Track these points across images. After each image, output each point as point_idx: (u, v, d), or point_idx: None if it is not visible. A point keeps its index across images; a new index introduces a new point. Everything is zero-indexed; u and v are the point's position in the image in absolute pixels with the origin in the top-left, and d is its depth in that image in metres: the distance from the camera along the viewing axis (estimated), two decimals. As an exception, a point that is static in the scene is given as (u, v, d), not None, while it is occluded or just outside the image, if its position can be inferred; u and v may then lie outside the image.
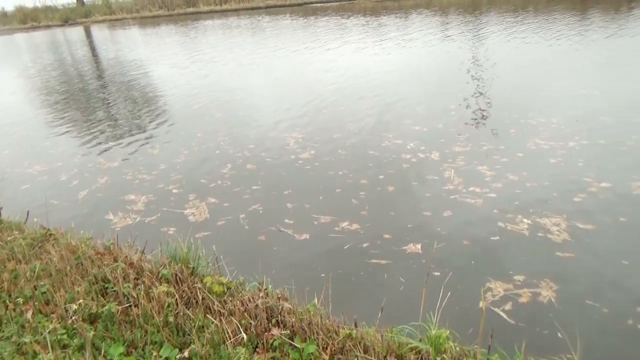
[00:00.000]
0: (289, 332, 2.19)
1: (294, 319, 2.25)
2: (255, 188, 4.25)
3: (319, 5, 24.48)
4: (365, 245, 3.28)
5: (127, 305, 2.38)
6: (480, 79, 7.04)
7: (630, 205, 3.36)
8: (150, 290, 2.43)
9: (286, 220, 3.67)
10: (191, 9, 31.12)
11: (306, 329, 2.21)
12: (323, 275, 2.99)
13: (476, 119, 5.36)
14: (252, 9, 27.40)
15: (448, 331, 2.48)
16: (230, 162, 4.90)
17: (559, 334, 2.40)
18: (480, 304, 2.68)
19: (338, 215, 3.66)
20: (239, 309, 2.33)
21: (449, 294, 2.71)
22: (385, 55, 9.64)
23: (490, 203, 3.58)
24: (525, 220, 3.31)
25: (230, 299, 2.47)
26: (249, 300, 2.40)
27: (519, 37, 10.21)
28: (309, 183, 4.26)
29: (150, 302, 2.35)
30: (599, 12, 12.44)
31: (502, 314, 2.58)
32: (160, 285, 2.50)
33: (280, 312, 2.31)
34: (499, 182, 3.85)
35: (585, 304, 2.57)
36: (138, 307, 2.32)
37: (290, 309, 2.33)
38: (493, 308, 2.62)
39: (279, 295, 2.52)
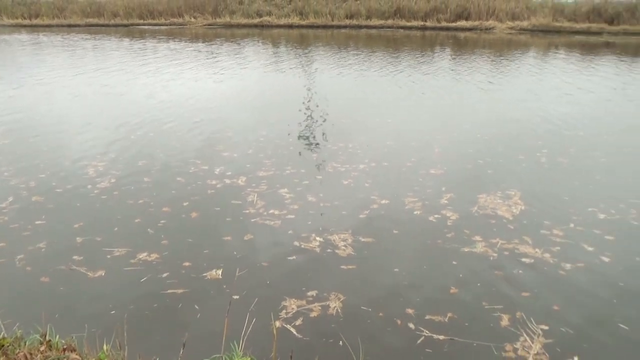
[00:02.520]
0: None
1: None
2: (39, 223, 3.77)
3: (147, 27, 23.41)
4: (164, 275, 3.15)
5: None
6: (299, 108, 7.48)
7: (403, 219, 3.89)
8: None
9: (75, 257, 3.32)
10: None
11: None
12: (113, 312, 2.78)
13: (283, 145, 5.65)
14: (70, 26, 24.88)
15: (249, 358, 2.52)
16: (12, 195, 4.29)
17: (340, 343, 2.63)
18: (277, 324, 2.79)
19: (135, 247, 3.46)
20: (11, 369, 2.00)
21: (249, 317, 2.78)
22: (212, 82, 9.63)
23: (288, 224, 3.78)
24: (317, 238, 3.58)
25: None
26: (26, 358, 2.08)
27: (342, 70, 11.17)
28: (105, 214, 3.95)
29: None
30: (409, 52, 14.39)
31: (292, 330, 2.71)
32: None
33: (65, 365, 2.05)
34: (297, 203, 4.10)
35: (364, 311, 2.86)
36: None
37: (78, 360, 2.09)
38: (286, 325, 2.74)
39: (65, 346, 2.24)
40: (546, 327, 2.71)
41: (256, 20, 22.67)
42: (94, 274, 3.18)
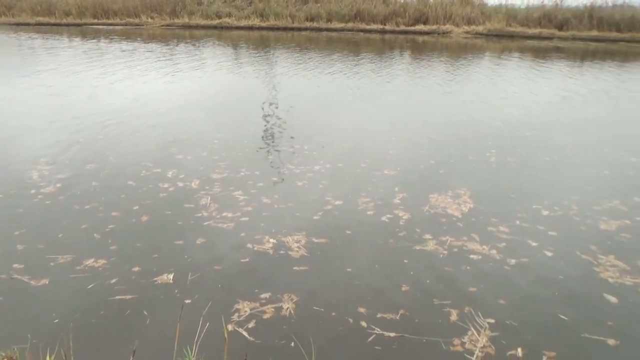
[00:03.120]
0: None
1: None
2: (-23, 230, 3.60)
3: (101, 27, 22.67)
4: (112, 281, 3.06)
5: None
6: (256, 110, 7.43)
7: (356, 219, 3.93)
8: None
9: (15, 265, 3.18)
10: None
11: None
12: (57, 321, 2.67)
13: (238, 147, 5.59)
14: (18, 24, 23.79)
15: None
16: (-56, 203, 4.05)
17: (292, 344, 2.63)
18: (230, 327, 2.76)
19: (81, 253, 3.34)
20: None
21: (202, 321, 2.73)
22: (165, 84, 9.40)
23: (241, 226, 3.75)
24: (271, 240, 3.56)
25: None
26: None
27: (301, 72, 11.17)
28: (49, 220, 3.80)
29: None
30: (368, 55, 14.56)
31: (245, 333, 2.69)
32: None
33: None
34: (250, 206, 4.07)
35: (317, 311, 2.86)
36: None
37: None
38: (238, 329, 2.71)
39: (6, 359, 2.14)
40: (492, 321, 2.80)
41: (215, 22, 22.43)
42: (37, 282, 3.05)
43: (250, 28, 22.69)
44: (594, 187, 4.66)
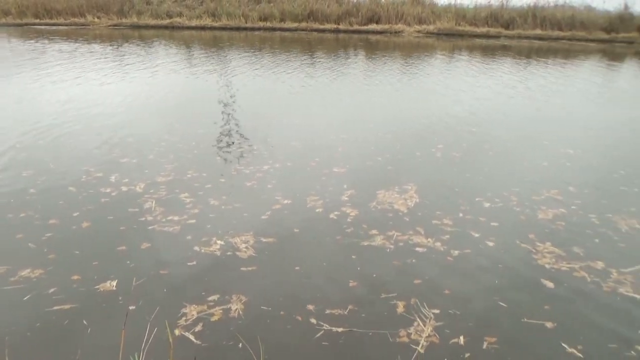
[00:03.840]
0: None
1: None
2: None
3: (44, 27, 21.65)
4: (50, 291, 2.93)
5: None
6: (206, 111, 7.31)
7: (304, 217, 3.95)
8: None
9: (-58, 280, 3.00)
10: None
11: None
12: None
13: (185, 149, 5.47)
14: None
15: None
16: None
17: (240, 345, 2.60)
18: (177, 332, 2.71)
19: (16, 264, 3.18)
20: None
21: (149, 327, 2.67)
22: (116, 85, 9.07)
23: (188, 229, 3.68)
24: (218, 241, 3.52)
25: None
26: None
27: (254, 72, 11.07)
28: (-21, 231, 3.60)
29: None
30: (322, 55, 14.62)
31: (192, 337, 2.64)
32: None
33: None
34: (197, 208, 4.01)
35: (265, 311, 2.85)
36: None
37: None
38: (185, 333, 2.66)
39: None
40: (437, 311, 2.88)
41: (166, 22, 21.89)
42: (-32, 297, 2.89)
43: (202, 28, 22.28)
44: (533, 178, 4.87)
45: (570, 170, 5.15)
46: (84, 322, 2.70)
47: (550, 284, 3.15)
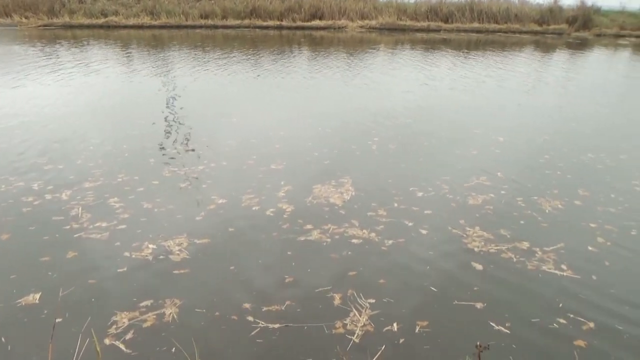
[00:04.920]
0: None
1: None
2: None
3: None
4: (-34, 310, 2.75)
5: None
6: (139, 112, 7.05)
7: (240, 216, 3.90)
8: None
9: None
10: None
11: None
12: None
13: (116, 152, 5.27)
14: None
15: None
16: None
17: (173, 349, 2.54)
18: (107, 341, 2.60)
19: None
20: None
21: (81, 338, 2.55)
22: (44, 88, 8.58)
23: (117, 235, 3.55)
24: (150, 245, 3.42)
25: None
26: None
27: (193, 71, 10.80)
28: None
29: None
30: (265, 52, 14.48)
31: (122, 345, 2.55)
32: None
33: None
34: (128, 212, 3.87)
35: (200, 313, 2.80)
36: None
37: None
38: (115, 342, 2.56)
39: None
40: (373, 300, 2.93)
41: (101, 21, 21.00)
42: None
43: (140, 27, 21.54)
44: (463, 166, 5.06)
45: (499, 156, 5.39)
46: (2, 339, 2.55)
47: (479, 266, 3.28)
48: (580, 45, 20.05)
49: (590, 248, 3.52)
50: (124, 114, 7.08)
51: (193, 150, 5.43)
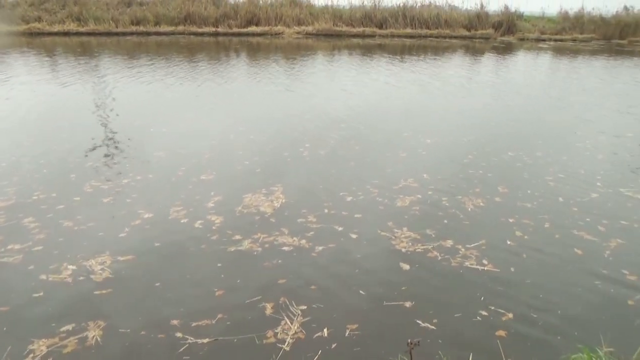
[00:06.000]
0: None
1: None
2: None
3: None
4: None
5: None
6: (64, 124, 6.68)
7: (166, 230, 3.79)
8: None
9: None
10: None
11: None
12: None
13: (34, 168, 4.97)
14: None
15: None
16: None
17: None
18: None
19: None
20: None
21: None
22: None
23: (32, 257, 3.33)
24: (70, 266, 3.24)
25: None
26: None
27: (125, 80, 10.38)
28: None
29: None
30: (201, 58, 14.18)
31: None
32: None
33: None
34: (44, 232, 3.66)
35: (124, 333, 2.68)
36: None
37: None
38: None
39: None
40: (304, 307, 2.94)
41: (22, 27, 19.74)
42: None
43: (67, 34, 20.45)
44: (393, 169, 5.21)
45: (427, 158, 5.60)
46: None
47: (406, 266, 3.39)
48: (505, 49, 21.25)
49: (509, 242, 3.73)
50: (44, 127, 6.68)
51: (118, 163, 5.22)
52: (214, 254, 3.45)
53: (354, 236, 3.77)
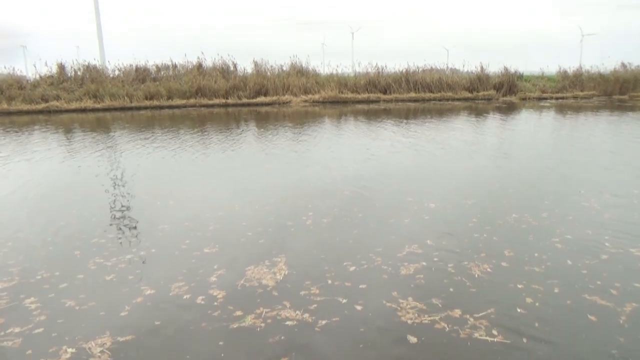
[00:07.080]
0: None
1: None
2: None
3: None
4: None
5: None
6: (73, 201, 6.82)
7: (167, 307, 3.72)
8: None
9: None
10: None
11: None
12: None
13: (39, 246, 4.99)
14: None
15: None
16: None
17: None
18: None
19: None
20: None
21: None
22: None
23: (31, 341, 3.28)
24: (69, 349, 3.18)
25: None
26: None
27: (137, 153, 10.69)
28: None
29: None
30: (212, 129, 14.65)
31: None
32: None
33: None
34: (45, 313, 3.61)
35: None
36: None
37: None
38: None
39: None
40: (307, 386, 2.83)
41: (41, 106, 20.74)
42: None
43: (83, 110, 21.41)
44: (396, 236, 5.17)
45: (430, 223, 5.56)
46: None
47: (414, 339, 3.27)
48: (508, 109, 21.71)
49: (519, 310, 3.61)
50: (55, 202, 6.80)
51: (124, 238, 5.25)
52: (216, 332, 3.36)
53: (358, 308, 3.67)
